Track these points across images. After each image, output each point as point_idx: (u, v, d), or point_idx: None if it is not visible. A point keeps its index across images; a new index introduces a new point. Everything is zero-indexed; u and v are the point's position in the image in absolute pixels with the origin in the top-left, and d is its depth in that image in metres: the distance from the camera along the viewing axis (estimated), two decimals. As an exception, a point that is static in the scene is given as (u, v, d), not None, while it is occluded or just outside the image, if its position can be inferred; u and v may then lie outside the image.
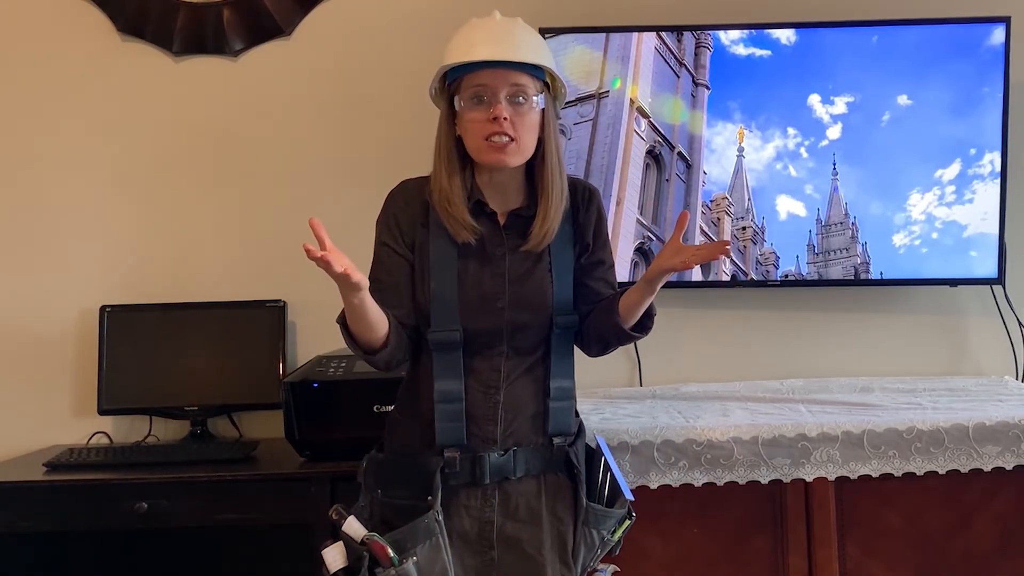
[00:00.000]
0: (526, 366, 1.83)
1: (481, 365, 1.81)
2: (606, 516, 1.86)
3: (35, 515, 2.33)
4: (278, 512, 2.34)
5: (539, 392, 1.83)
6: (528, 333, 1.81)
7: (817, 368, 2.81)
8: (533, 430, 1.82)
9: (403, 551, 1.71)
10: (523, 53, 1.77)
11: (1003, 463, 2.19)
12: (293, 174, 2.84)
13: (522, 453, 1.81)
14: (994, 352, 2.83)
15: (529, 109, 1.77)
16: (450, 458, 1.77)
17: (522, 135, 1.76)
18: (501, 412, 1.80)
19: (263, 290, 2.74)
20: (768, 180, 2.72)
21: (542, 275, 1.82)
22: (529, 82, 1.78)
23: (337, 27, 2.83)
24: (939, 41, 2.67)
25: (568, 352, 1.87)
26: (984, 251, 2.70)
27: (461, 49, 1.77)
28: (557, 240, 1.82)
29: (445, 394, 1.79)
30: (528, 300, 1.81)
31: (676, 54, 2.70)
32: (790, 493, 2.22)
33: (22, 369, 2.79)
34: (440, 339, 1.79)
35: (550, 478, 1.84)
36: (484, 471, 1.79)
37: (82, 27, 2.80)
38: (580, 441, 1.89)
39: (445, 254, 1.80)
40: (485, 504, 1.80)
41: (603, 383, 2.77)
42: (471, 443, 1.79)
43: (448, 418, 1.79)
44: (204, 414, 2.68)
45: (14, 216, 2.81)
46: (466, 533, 1.80)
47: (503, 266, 1.81)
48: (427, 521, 1.73)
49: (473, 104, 1.76)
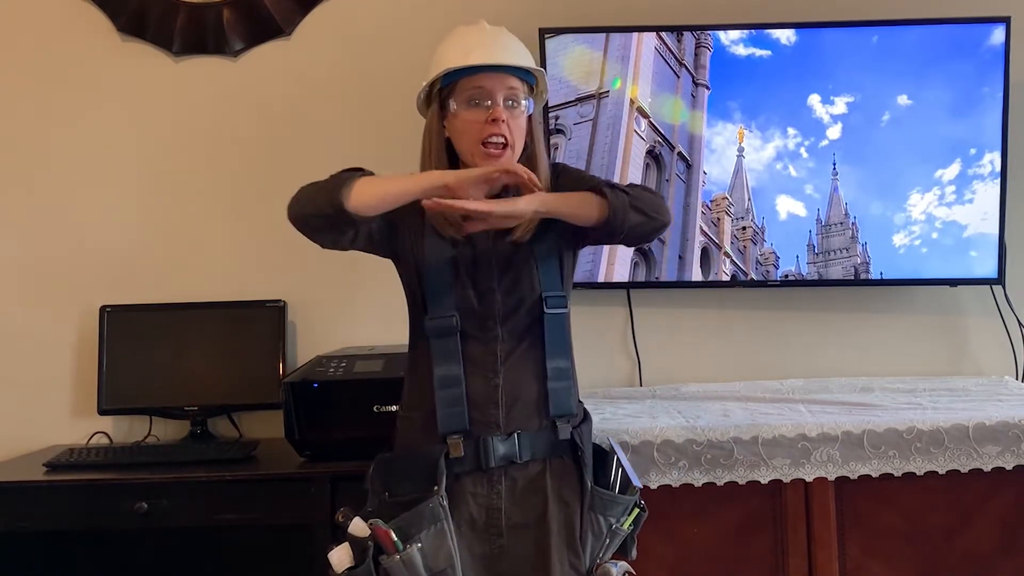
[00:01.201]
0: (522, 349, 1.85)
1: (478, 350, 1.83)
2: (613, 502, 1.87)
3: (35, 515, 2.33)
4: (278, 512, 2.34)
5: (537, 374, 1.85)
6: (520, 315, 1.84)
7: (817, 368, 2.81)
8: (535, 413, 1.84)
9: (407, 537, 1.72)
10: (515, 58, 1.83)
11: (1003, 463, 2.19)
12: (293, 174, 2.83)
13: (526, 437, 1.82)
14: (994, 352, 2.83)
15: (520, 113, 1.83)
16: (454, 444, 1.79)
17: (515, 138, 1.81)
18: (502, 395, 1.82)
19: (263, 290, 2.74)
20: (768, 180, 2.72)
21: (526, 259, 1.85)
22: (520, 86, 1.84)
23: (337, 27, 2.83)
24: (939, 41, 2.67)
25: (562, 333, 1.88)
26: (984, 251, 2.70)
27: (457, 54, 1.81)
28: (539, 228, 1.85)
29: (445, 379, 1.81)
30: (516, 283, 1.84)
31: (676, 54, 2.70)
32: (790, 493, 2.22)
33: (22, 369, 2.79)
34: (437, 325, 1.82)
35: (555, 462, 1.85)
36: (489, 456, 1.80)
37: (82, 27, 2.80)
38: (585, 426, 1.90)
39: (439, 244, 1.83)
40: (492, 490, 1.81)
41: (603, 383, 2.78)
42: (474, 428, 1.81)
43: (449, 403, 1.80)
44: (204, 414, 2.68)
45: (14, 216, 2.81)
46: (474, 521, 1.81)
47: (491, 251, 1.85)
48: (431, 506, 1.74)
49: (470, 107, 1.80)
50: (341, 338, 2.73)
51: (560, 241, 1.89)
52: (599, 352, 2.82)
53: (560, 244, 1.89)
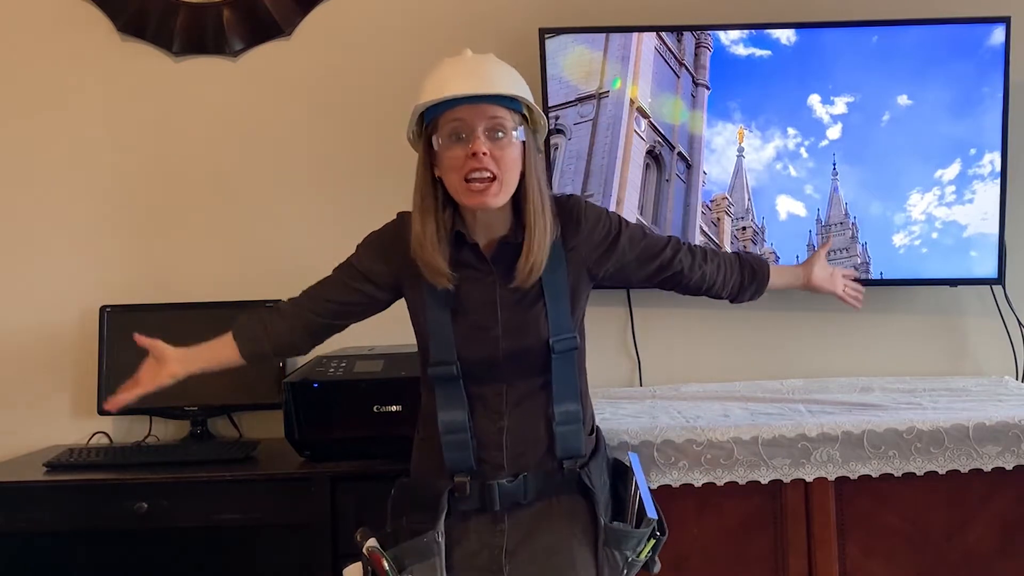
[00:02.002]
0: (529, 392, 1.80)
1: (485, 392, 1.79)
2: (627, 536, 1.82)
3: (35, 515, 2.33)
4: (278, 512, 2.34)
5: (544, 418, 1.80)
6: (525, 360, 1.79)
7: (817, 368, 2.81)
8: (541, 455, 1.80)
9: (402, 568, 1.72)
10: (497, 86, 1.73)
11: (1003, 463, 2.19)
12: (293, 174, 2.84)
13: (532, 478, 1.79)
14: (994, 352, 2.83)
15: (508, 143, 1.73)
16: (460, 483, 1.77)
17: (504, 171, 1.72)
18: (506, 439, 1.79)
19: (263, 290, 2.73)
20: (768, 180, 2.72)
21: (535, 302, 1.79)
22: (507, 115, 1.73)
23: (337, 27, 2.83)
24: (939, 41, 2.67)
25: (571, 375, 1.82)
26: (984, 251, 2.70)
27: (434, 87, 1.73)
28: (548, 268, 1.78)
29: (449, 424, 1.78)
30: (522, 328, 1.79)
31: (676, 54, 2.70)
32: (790, 493, 2.22)
33: (22, 369, 2.79)
34: (438, 373, 1.79)
35: (564, 499, 1.81)
36: (493, 498, 1.78)
37: (82, 27, 2.81)
38: (595, 462, 1.85)
39: (439, 291, 1.78)
40: (495, 529, 1.79)
41: (603, 383, 2.77)
42: (480, 469, 1.78)
43: (455, 448, 1.78)
44: (204, 414, 2.68)
45: (14, 216, 2.81)
46: (475, 556, 1.78)
47: (494, 295, 1.79)
48: (427, 540, 1.73)
49: (452, 142, 1.72)
50: (341, 338, 2.71)
51: (580, 275, 1.84)
52: (599, 352, 2.80)
53: (579, 278, 1.84)
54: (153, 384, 1.85)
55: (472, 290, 1.79)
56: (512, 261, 1.77)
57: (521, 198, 1.77)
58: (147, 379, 1.86)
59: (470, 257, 1.79)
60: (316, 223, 2.81)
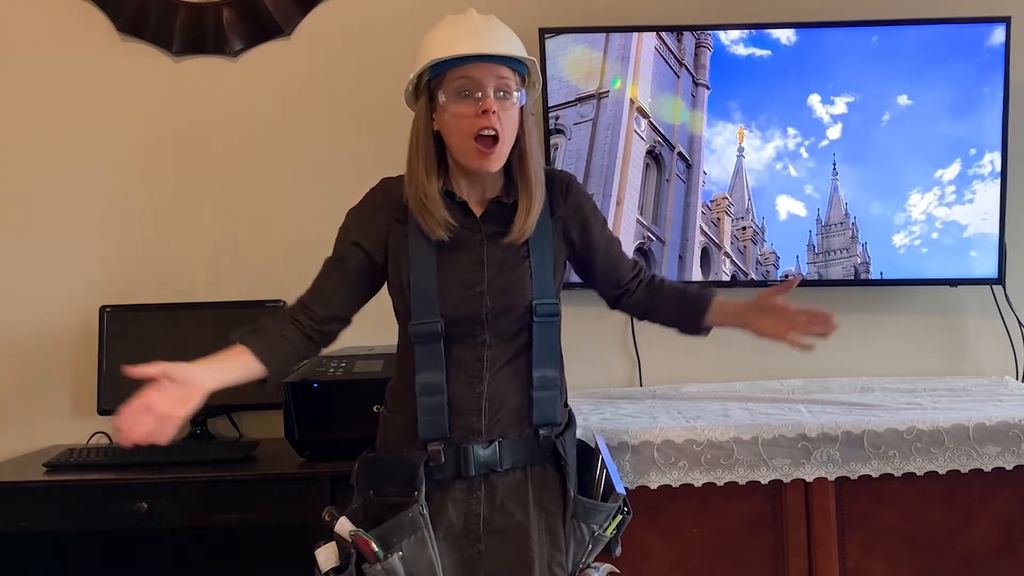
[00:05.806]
0: (509, 355, 1.82)
1: (464, 355, 1.80)
2: (595, 510, 1.85)
3: (35, 515, 2.33)
4: (278, 512, 2.34)
5: (523, 382, 1.82)
6: (509, 319, 1.80)
7: (817, 368, 2.80)
8: (518, 421, 1.81)
9: (388, 546, 1.72)
10: (506, 47, 1.76)
11: (1003, 463, 2.19)
12: (293, 174, 2.84)
13: (508, 445, 1.80)
14: (994, 352, 2.83)
15: (511, 104, 1.76)
16: (434, 451, 1.77)
17: (506, 131, 1.75)
18: (485, 403, 1.79)
19: (263, 290, 2.74)
20: (768, 180, 2.72)
21: (520, 262, 1.82)
22: (512, 76, 1.77)
23: (337, 27, 2.83)
24: (939, 41, 2.67)
25: (551, 342, 1.85)
26: (984, 251, 2.70)
27: (445, 44, 1.75)
28: (535, 232, 1.82)
29: (426, 386, 1.79)
30: (507, 286, 1.80)
31: (676, 54, 2.70)
32: (790, 493, 2.22)
33: (22, 369, 2.79)
34: (421, 331, 1.79)
35: (536, 470, 1.83)
36: (469, 463, 1.78)
37: (82, 27, 2.81)
38: (568, 433, 1.88)
39: (424, 246, 1.79)
40: (471, 496, 1.79)
41: (603, 383, 2.78)
42: (454, 435, 1.78)
43: (430, 411, 1.78)
44: (204, 414, 2.68)
45: (14, 216, 2.81)
46: (453, 526, 1.79)
47: (481, 253, 1.80)
48: (411, 515, 1.73)
49: (459, 99, 1.74)
50: (341, 338, 2.71)
51: (559, 249, 1.87)
52: (599, 352, 2.82)
53: (559, 249, 1.88)
54: (186, 410, 1.69)
55: (459, 248, 1.80)
56: (502, 220, 1.81)
57: (517, 157, 1.80)
58: (178, 408, 1.70)
59: (458, 215, 1.80)
60: (316, 223, 2.78)
